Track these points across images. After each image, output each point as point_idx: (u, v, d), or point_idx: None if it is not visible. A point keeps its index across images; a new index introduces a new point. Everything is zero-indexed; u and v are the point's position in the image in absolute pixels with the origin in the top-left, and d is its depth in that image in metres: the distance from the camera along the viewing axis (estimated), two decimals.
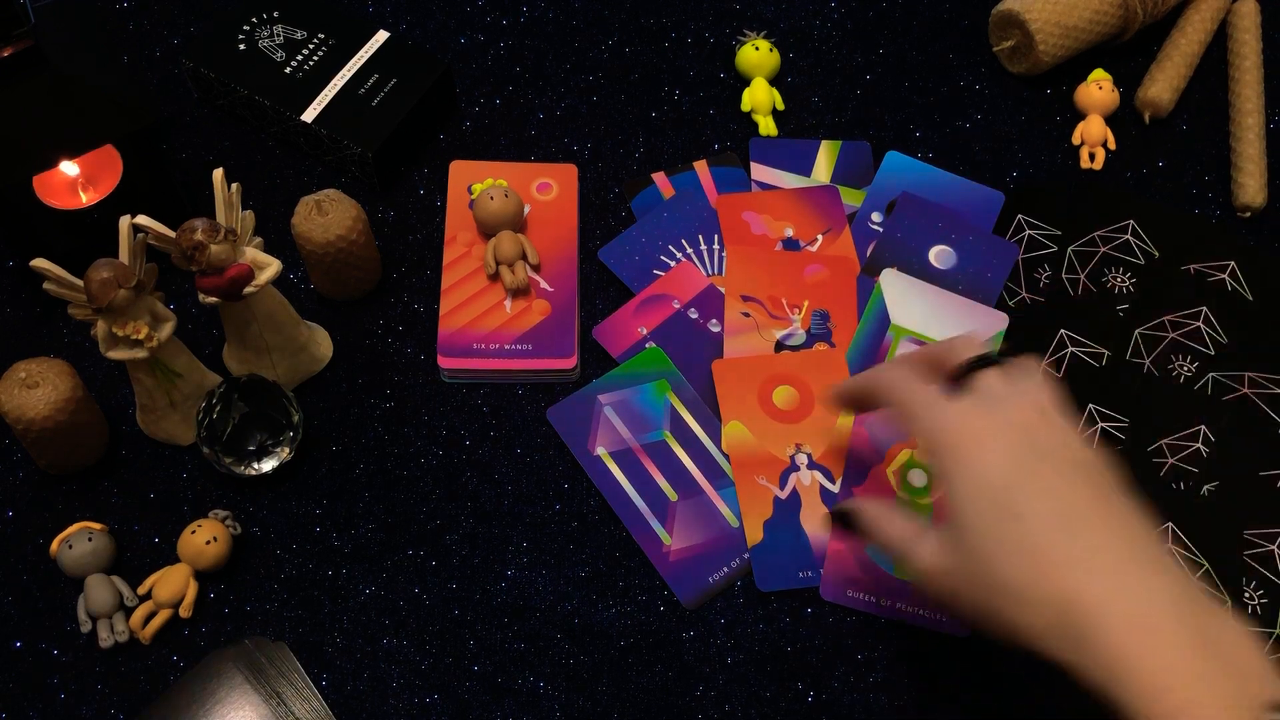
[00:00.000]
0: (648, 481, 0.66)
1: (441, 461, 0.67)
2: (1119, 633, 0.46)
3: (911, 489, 0.65)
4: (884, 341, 0.70)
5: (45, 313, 0.71)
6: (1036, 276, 0.73)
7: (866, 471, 0.66)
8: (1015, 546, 0.49)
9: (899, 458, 0.66)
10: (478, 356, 0.69)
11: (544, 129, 0.79)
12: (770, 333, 0.70)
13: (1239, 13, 0.84)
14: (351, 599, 0.63)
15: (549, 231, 0.74)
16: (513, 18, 0.84)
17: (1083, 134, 0.79)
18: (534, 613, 0.63)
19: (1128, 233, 0.75)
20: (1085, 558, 0.48)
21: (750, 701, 0.61)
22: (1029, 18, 0.78)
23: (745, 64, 0.80)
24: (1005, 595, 0.49)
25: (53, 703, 0.60)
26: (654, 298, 0.72)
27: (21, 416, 0.61)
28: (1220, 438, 0.68)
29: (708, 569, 0.64)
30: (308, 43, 0.77)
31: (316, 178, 0.77)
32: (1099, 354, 0.71)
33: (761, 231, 0.74)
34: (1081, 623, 0.46)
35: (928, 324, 0.70)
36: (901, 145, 0.79)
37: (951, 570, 0.52)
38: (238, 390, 0.66)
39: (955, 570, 0.52)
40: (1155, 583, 0.47)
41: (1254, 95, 0.80)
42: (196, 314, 0.71)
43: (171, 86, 0.80)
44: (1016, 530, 0.49)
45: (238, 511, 0.65)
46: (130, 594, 0.62)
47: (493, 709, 0.60)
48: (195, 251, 0.60)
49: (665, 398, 0.68)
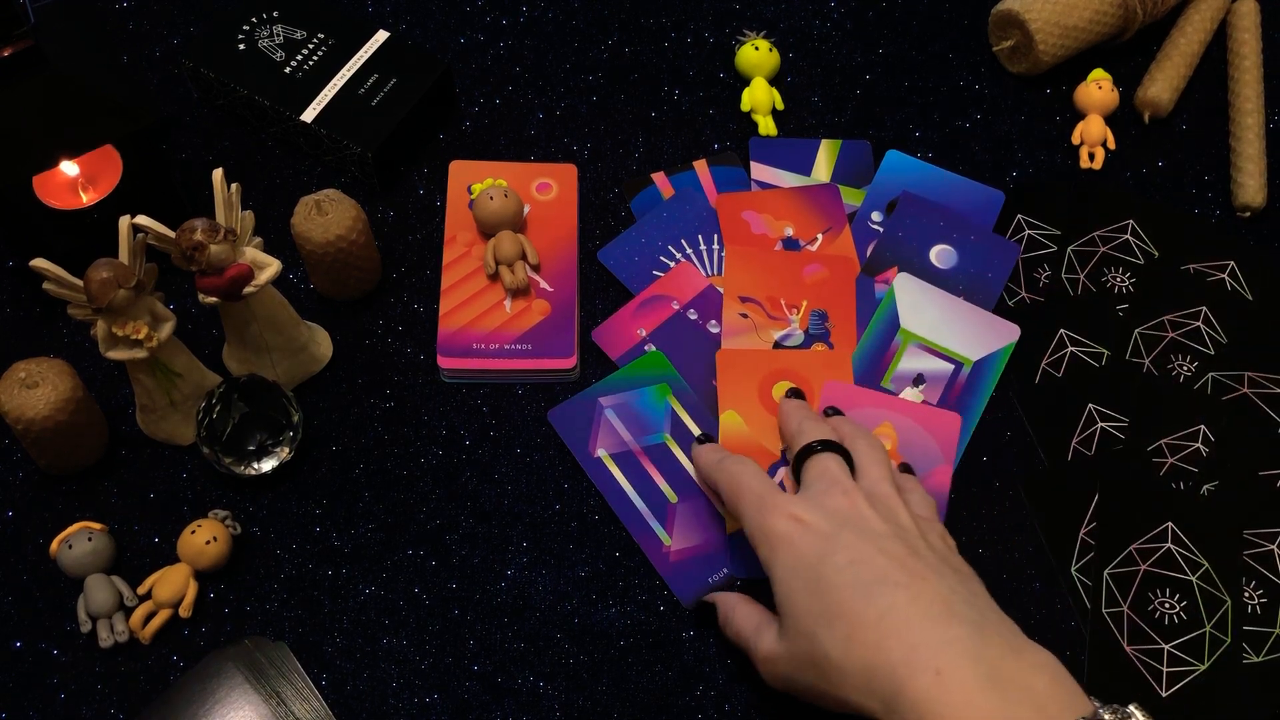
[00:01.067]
0: (648, 483, 0.66)
1: (441, 461, 0.67)
2: (917, 686, 0.48)
3: None
4: (891, 345, 0.70)
5: (45, 313, 0.71)
6: (1036, 276, 0.73)
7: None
8: (827, 618, 0.51)
9: None
10: (477, 356, 0.69)
11: (544, 129, 0.79)
12: (768, 333, 0.70)
13: (1239, 13, 0.84)
14: (351, 599, 0.63)
15: (549, 231, 0.74)
16: (513, 18, 0.84)
17: (1082, 134, 0.79)
18: (534, 613, 0.63)
19: (1127, 232, 0.75)
20: (881, 619, 0.50)
21: (750, 701, 0.61)
22: (1029, 18, 0.78)
23: (745, 64, 0.80)
24: (827, 668, 0.51)
25: (53, 703, 0.60)
26: (653, 298, 0.72)
27: (21, 416, 0.61)
28: (1220, 438, 0.68)
29: (708, 569, 0.64)
30: (307, 43, 0.77)
31: (316, 178, 0.77)
32: (1099, 354, 0.71)
33: (761, 231, 0.74)
34: (885, 683, 0.49)
35: (938, 331, 0.70)
36: (901, 145, 0.79)
37: (782, 655, 0.54)
38: (238, 390, 0.66)
39: (785, 654, 0.54)
40: (950, 633, 0.49)
41: (1254, 95, 0.80)
42: (196, 314, 0.71)
43: (171, 86, 0.80)
44: (825, 602, 0.52)
45: (238, 511, 0.65)
46: (130, 594, 0.62)
47: (493, 709, 0.60)
48: (195, 251, 0.60)
49: (666, 401, 0.68)
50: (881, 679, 0.49)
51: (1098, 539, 0.65)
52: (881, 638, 0.49)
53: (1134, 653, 0.61)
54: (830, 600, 0.51)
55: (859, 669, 0.50)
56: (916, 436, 0.66)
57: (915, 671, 0.48)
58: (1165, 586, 0.63)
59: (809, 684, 0.53)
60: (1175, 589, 0.63)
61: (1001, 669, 0.48)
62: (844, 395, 0.68)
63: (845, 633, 0.50)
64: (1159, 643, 0.62)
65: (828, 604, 0.51)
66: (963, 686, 0.47)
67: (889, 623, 0.50)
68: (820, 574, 0.52)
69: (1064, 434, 0.68)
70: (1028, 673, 0.48)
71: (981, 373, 0.69)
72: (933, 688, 0.47)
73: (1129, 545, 0.64)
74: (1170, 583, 0.63)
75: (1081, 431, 0.68)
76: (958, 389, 0.69)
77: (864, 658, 0.49)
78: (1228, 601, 0.63)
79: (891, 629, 0.49)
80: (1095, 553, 0.64)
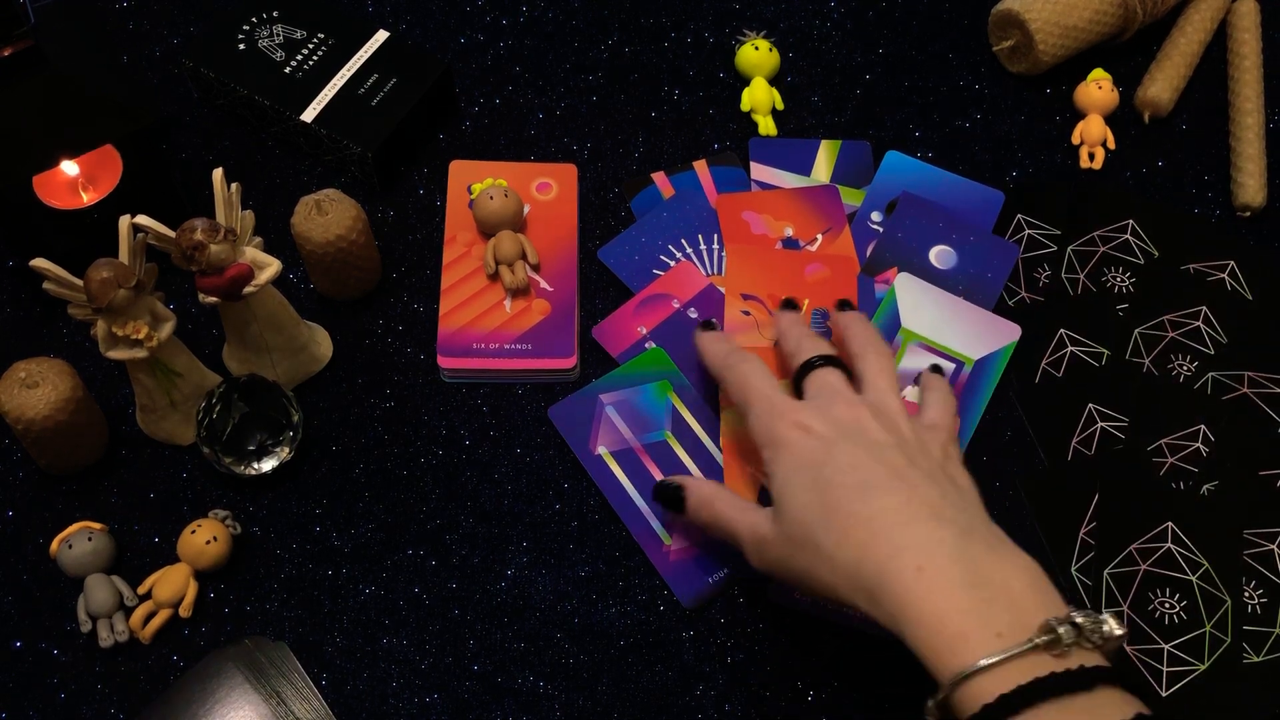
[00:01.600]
0: (649, 481, 0.66)
1: (441, 461, 0.67)
2: (901, 581, 0.50)
3: None
4: (892, 344, 0.70)
5: (45, 313, 0.71)
6: (1036, 276, 0.73)
7: None
8: (823, 513, 0.54)
9: None
10: (477, 356, 0.69)
11: (544, 129, 0.79)
12: (770, 331, 0.70)
13: (1239, 12, 0.84)
14: (351, 599, 0.63)
15: (549, 231, 0.74)
16: (513, 18, 0.84)
17: (1082, 134, 0.79)
18: (534, 613, 0.63)
19: (1127, 232, 0.75)
20: (875, 518, 0.53)
21: (750, 701, 0.61)
22: (1029, 17, 0.78)
23: (745, 64, 0.80)
24: (818, 557, 0.54)
25: (53, 703, 0.60)
26: (654, 297, 0.72)
27: (21, 416, 0.61)
28: (1220, 437, 0.68)
29: (708, 569, 0.64)
30: (307, 42, 0.77)
31: (316, 178, 0.77)
32: (1099, 354, 0.71)
33: (761, 231, 0.74)
34: (872, 576, 0.51)
35: (939, 330, 0.70)
36: (901, 145, 0.79)
37: (777, 539, 0.57)
38: (238, 390, 0.66)
39: (780, 538, 0.56)
40: (935, 535, 0.52)
41: (1254, 95, 0.80)
42: (196, 314, 0.71)
43: (171, 86, 0.80)
44: (824, 500, 0.55)
45: (238, 511, 0.65)
46: (130, 594, 0.62)
47: (493, 709, 0.60)
48: (195, 251, 0.60)
49: (667, 398, 0.68)
50: (868, 574, 0.52)
51: (1098, 539, 0.65)
52: (871, 536, 0.52)
53: (1134, 652, 0.61)
54: (828, 499, 0.54)
55: (848, 564, 0.53)
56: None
57: (899, 568, 0.51)
58: (1165, 586, 0.63)
59: (801, 568, 0.55)
60: (1175, 589, 0.63)
61: (981, 569, 0.50)
62: None
63: (840, 529, 0.53)
64: (1159, 642, 0.62)
65: (825, 501, 0.54)
66: (942, 583, 0.50)
67: (879, 523, 0.53)
68: (821, 475, 0.55)
69: (1064, 434, 0.68)
70: (1007, 574, 0.51)
71: (982, 372, 0.69)
72: (914, 583, 0.50)
73: (1129, 545, 0.64)
74: (1170, 582, 0.63)
75: (1081, 431, 0.68)
76: (959, 389, 0.69)
77: (853, 554, 0.52)
78: (1228, 601, 0.63)
79: (881, 529, 0.52)
80: (1095, 553, 0.64)
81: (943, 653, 0.48)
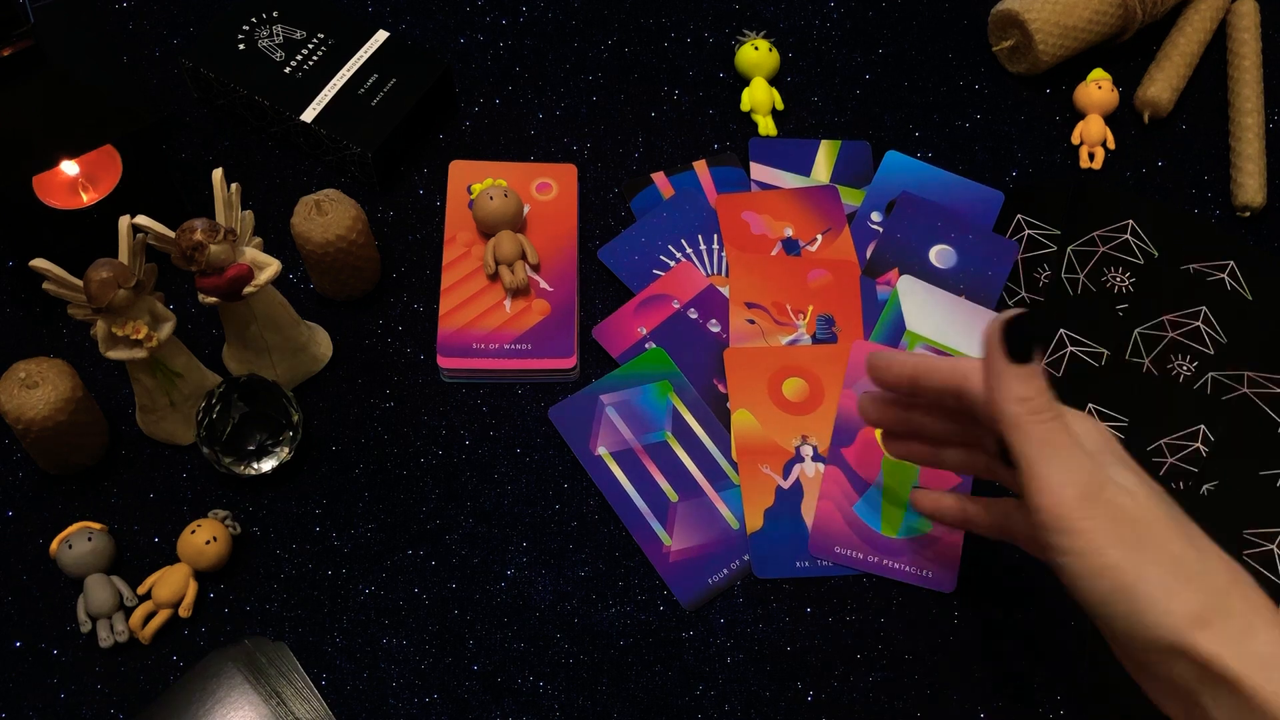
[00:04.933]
0: (649, 482, 0.66)
1: (441, 461, 0.67)
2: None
3: None
4: (898, 347, 0.70)
5: (45, 313, 0.71)
6: (1036, 276, 0.73)
7: (855, 434, 0.66)
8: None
9: None
10: (477, 356, 0.69)
11: (544, 129, 0.79)
12: (776, 338, 0.70)
13: (1238, 13, 0.84)
14: (351, 599, 0.63)
15: (549, 231, 0.74)
16: (513, 18, 0.84)
17: (1082, 134, 0.79)
18: (534, 613, 0.63)
19: (1127, 232, 0.75)
20: None
21: (750, 701, 0.61)
22: (1028, 18, 0.78)
23: (745, 64, 0.80)
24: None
25: (53, 703, 0.60)
26: (654, 298, 0.72)
27: (21, 416, 0.61)
28: (1220, 437, 0.68)
29: (707, 570, 0.64)
30: (307, 42, 0.77)
31: (316, 178, 0.77)
32: (1099, 354, 0.71)
33: (761, 231, 0.74)
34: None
35: (944, 332, 0.70)
36: (901, 145, 0.79)
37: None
38: (237, 390, 0.66)
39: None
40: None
41: (1253, 95, 0.80)
42: (196, 314, 0.71)
43: (171, 86, 0.80)
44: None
45: (238, 511, 0.65)
46: (130, 594, 0.62)
47: (492, 709, 0.60)
48: (195, 251, 0.60)
49: (667, 399, 0.68)
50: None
51: None
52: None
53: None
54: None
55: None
56: None
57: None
58: None
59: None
60: None
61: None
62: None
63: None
64: None
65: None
66: None
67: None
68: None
69: None
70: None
71: None
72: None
73: None
74: None
75: None
76: None
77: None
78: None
79: None
80: None
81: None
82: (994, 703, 0.61)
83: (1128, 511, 0.48)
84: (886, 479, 0.66)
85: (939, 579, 0.63)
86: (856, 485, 0.65)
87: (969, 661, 0.62)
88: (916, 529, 0.64)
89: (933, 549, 0.64)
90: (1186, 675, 0.47)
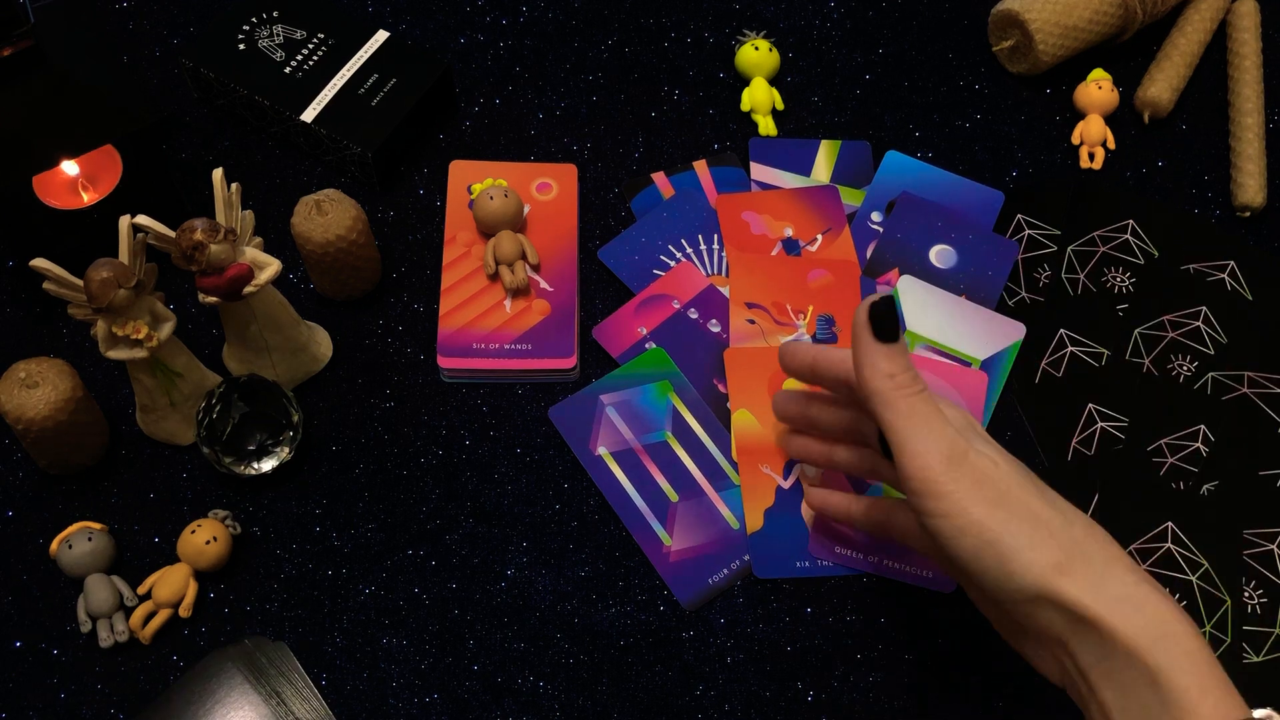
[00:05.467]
0: (649, 482, 0.66)
1: (441, 461, 0.67)
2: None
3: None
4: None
5: (45, 313, 0.71)
6: (1036, 276, 0.73)
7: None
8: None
9: None
10: (477, 356, 0.69)
11: (544, 129, 0.79)
12: (776, 339, 0.70)
13: (1239, 13, 0.84)
14: (351, 599, 0.63)
15: (549, 231, 0.74)
16: (513, 18, 0.84)
17: (1082, 134, 0.79)
18: (534, 613, 0.63)
19: (1127, 232, 0.75)
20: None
21: (750, 701, 0.61)
22: (1029, 18, 0.78)
23: (745, 64, 0.80)
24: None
25: (53, 703, 0.60)
26: (654, 298, 0.72)
27: (21, 416, 0.61)
28: (1220, 437, 0.68)
29: (707, 570, 0.64)
30: (307, 42, 0.77)
31: (316, 178, 0.77)
32: (1099, 354, 0.71)
33: (761, 231, 0.74)
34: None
35: (944, 332, 0.70)
36: (901, 145, 0.79)
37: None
38: (238, 390, 0.66)
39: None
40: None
41: (1254, 95, 0.80)
42: (196, 314, 0.71)
43: (171, 86, 0.80)
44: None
45: (238, 511, 0.65)
46: (130, 594, 0.62)
47: (493, 709, 0.60)
48: (195, 251, 0.60)
49: (668, 399, 0.68)
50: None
51: None
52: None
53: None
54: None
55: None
56: (944, 394, 0.67)
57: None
58: (1165, 586, 0.63)
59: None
60: (1175, 589, 0.63)
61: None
62: None
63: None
64: None
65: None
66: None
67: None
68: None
69: (1064, 434, 0.68)
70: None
71: (990, 372, 0.69)
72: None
73: (1129, 545, 0.64)
74: (1170, 582, 0.63)
75: (1081, 431, 0.68)
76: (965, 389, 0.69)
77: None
78: (1227, 601, 0.63)
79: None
80: None
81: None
82: (994, 703, 0.61)
83: (989, 475, 0.51)
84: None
85: (939, 579, 0.63)
86: (856, 485, 0.65)
87: (969, 661, 0.62)
88: None
89: None
90: (1056, 623, 0.50)
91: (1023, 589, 0.49)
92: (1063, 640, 0.50)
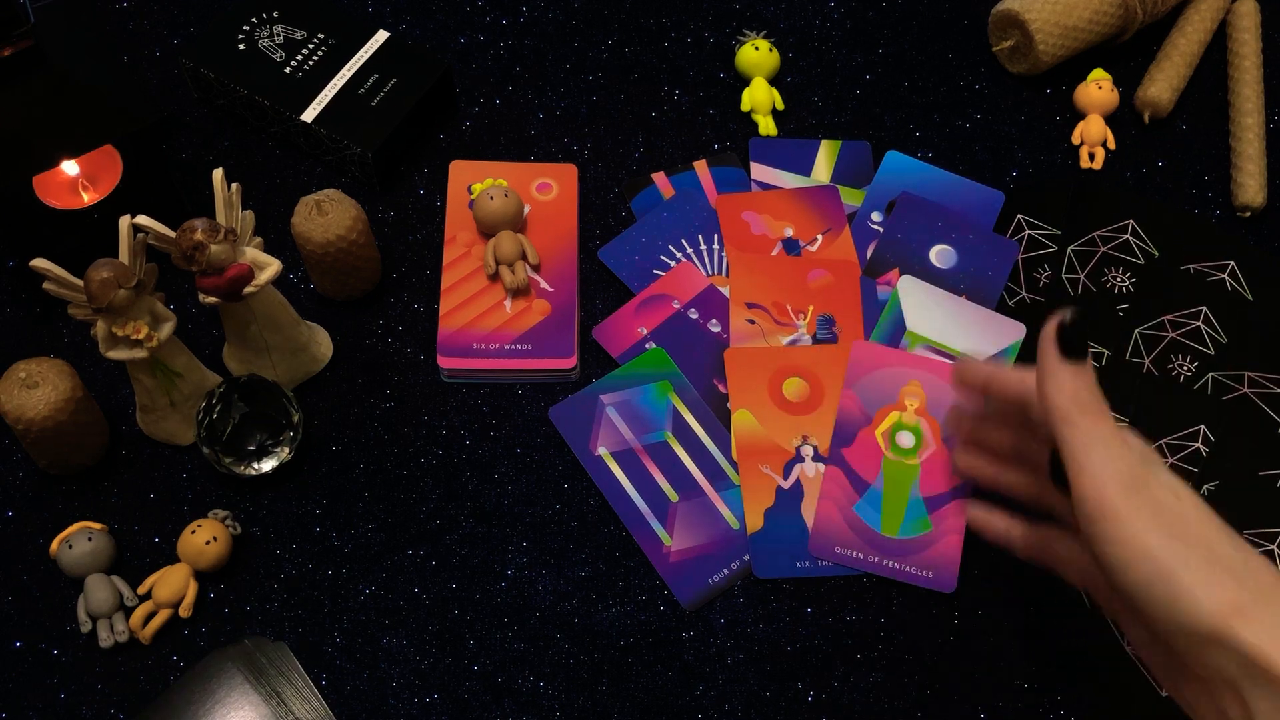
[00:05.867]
0: (649, 482, 0.66)
1: (441, 461, 0.67)
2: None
3: (899, 449, 0.66)
4: (899, 347, 0.70)
5: (45, 313, 0.71)
6: (1036, 276, 0.73)
7: (854, 434, 0.66)
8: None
9: (886, 420, 0.67)
10: (477, 356, 0.69)
11: (544, 129, 0.79)
12: (776, 339, 0.70)
13: (1239, 13, 0.84)
14: (351, 599, 0.63)
15: (549, 231, 0.74)
16: (513, 18, 0.84)
17: (1082, 134, 0.79)
18: (534, 613, 0.63)
19: (1127, 232, 0.75)
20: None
21: (750, 701, 0.61)
22: (1029, 18, 0.78)
23: (745, 64, 0.80)
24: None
25: (53, 703, 0.60)
26: (654, 298, 0.72)
27: (21, 416, 0.61)
28: (1220, 437, 0.68)
29: (708, 570, 0.64)
30: (307, 43, 0.77)
31: (316, 178, 0.77)
32: (1099, 354, 0.71)
33: (761, 231, 0.74)
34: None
35: (944, 332, 0.70)
36: (901, 145, 0.79)
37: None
38: (238, 390, 0.66)
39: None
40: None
41: (1254, 95, 0.80)
42: (196, 314, 0.71)
43: (171, 86, 0.80)
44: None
45: (238, 511, 0.65)
46: (130, 594, 0.62)
47: (493, 709, 0.60)
48: (195, 251, 0.60)
49: (668, 399, 0.68)
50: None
51: None
52: None
53: (1135, 651, 0.61)
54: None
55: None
56: (946, 394, 0.67)
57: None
58: None
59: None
60: None
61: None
62: (872, 355, 0.68)
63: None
64: None
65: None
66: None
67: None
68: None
69: None
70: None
71: None
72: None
73: None
74: None
75: None
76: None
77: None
78: None
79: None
80: None
81: None
82: (994, 703, 0.61)
83: (1169, 506, 0.48)
84: (886, 479, 0.66)
85: (939, 579, 0.63)
86: (857, 485, 0.65)
87: (969, 661, 0.62)
88: (916, 529, 0.64)
89: (933, 549, 0.64)
90: (1228, 668, 0.46)
91: (1195, 628, 0.46)
92: (1236, 687, 0.46)
